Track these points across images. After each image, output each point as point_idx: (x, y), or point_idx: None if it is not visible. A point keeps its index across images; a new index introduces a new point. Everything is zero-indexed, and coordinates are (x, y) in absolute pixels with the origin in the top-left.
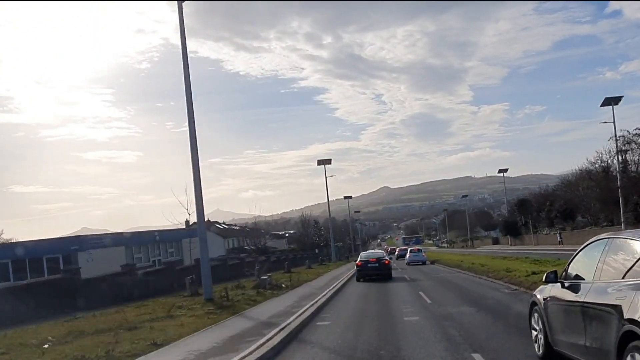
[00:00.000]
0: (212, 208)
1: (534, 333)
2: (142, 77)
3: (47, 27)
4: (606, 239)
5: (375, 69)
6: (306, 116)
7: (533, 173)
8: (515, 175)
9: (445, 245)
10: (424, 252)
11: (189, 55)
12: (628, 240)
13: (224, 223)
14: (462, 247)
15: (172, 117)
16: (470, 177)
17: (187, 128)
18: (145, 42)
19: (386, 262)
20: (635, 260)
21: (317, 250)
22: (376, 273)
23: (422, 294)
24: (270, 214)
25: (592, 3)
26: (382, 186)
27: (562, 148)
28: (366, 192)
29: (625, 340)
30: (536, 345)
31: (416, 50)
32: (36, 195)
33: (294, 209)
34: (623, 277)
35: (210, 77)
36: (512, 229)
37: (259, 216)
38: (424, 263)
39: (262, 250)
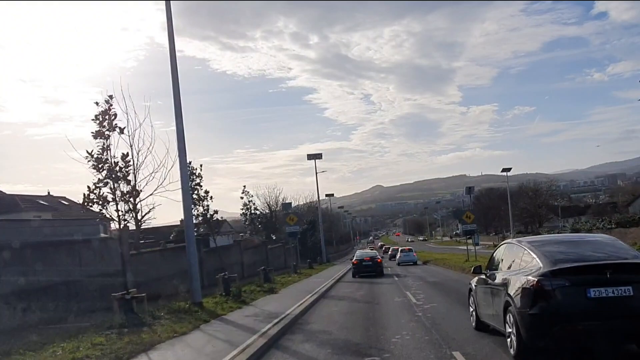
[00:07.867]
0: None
1: (470, 310)
2: (129, 75)
3: (33, 25)
4: (506, 243)
5: (362, 69)
6: (296, 116)
7: (529, 172)
8: (510, 174)
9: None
10: (415, 251)
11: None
12: (513, 244)
13: None
14: None
15: (160, 116)
16: (464, 175)
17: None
18: (130, 41)
19: (379, 260)
20: (514, 257)
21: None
22: (369, 270)
23: None
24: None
25: (577, 4)
26: (375, 185)
27: (554, 148)
28: (359, 191)
29: (506, 307)
30: (471, 319)
31: (403, 50)
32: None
33: None
34: (509, 268)
35: (197, 77)
36: None
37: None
38: (415, 263)
39: None
